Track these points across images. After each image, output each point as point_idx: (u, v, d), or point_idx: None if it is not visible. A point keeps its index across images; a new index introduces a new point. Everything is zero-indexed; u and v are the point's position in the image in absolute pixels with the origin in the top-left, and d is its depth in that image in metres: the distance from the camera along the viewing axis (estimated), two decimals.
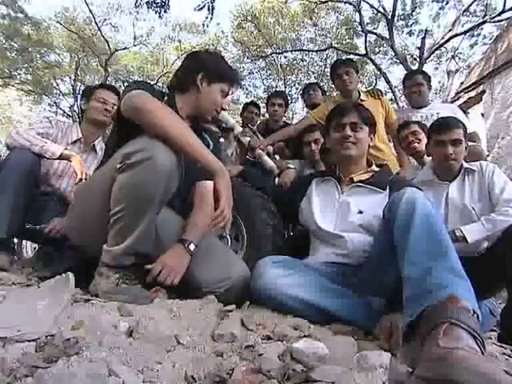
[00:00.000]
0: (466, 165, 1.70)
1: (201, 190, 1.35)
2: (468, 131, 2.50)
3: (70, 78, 13.70)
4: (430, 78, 2.72)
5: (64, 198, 1.87)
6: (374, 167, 1.49)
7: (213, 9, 5.80)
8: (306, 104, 3.61)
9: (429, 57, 9.59)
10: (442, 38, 9.40)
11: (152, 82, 12.70)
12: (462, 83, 9.98)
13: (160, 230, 1.22)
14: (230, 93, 1.32)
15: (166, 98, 1.32)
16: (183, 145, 1.07)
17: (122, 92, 1.30)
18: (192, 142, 1.09)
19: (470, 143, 2.25)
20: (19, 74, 12.93)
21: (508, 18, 8.27)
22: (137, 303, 0.99)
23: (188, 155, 1.09)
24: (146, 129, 1.08)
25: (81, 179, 1.70)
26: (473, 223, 1.53)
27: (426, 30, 10.01)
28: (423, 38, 9.39)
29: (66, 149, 1.78)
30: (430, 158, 1.83)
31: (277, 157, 2.83)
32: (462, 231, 1.49)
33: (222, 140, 2.74)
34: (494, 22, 8.69)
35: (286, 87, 13.25)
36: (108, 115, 1.93)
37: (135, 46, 13.56)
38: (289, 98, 4.13)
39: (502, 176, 1.63)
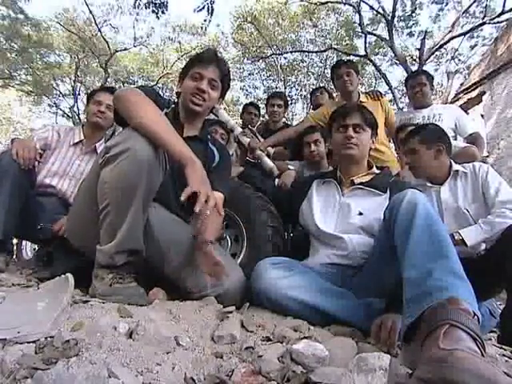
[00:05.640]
0: (456, 167, 1.69)
1: None
2: (472, 131, 2.49)
3: (70, 78, 13.71)
4: (432, 78, 2.72)
5: (65, 199, 1.87)
6: (374, 169, 1.49)
7: (212, 10, 5.77)
8: (312, 106, 3.62)
9: (428, 58, 9.59)
10: (442, 39, 9.39)
11: (152, 83, 12.75)
12: (461, 84, 9.99)
13: (157, 229, 1.21)
14: (206, 73, 1.31)
15: (172, 106, 1.35)
16: (154, 133, 1.05)
17: None
18: (163, 131, 1.07)
19: (464, 144, 2.24)
20: (19, 75, 12.94)
21: (507, 19, 8.28)
22: (131, 302, 0.99)
23: (159, 144, 1.06)
24: (125, 118, 1.10)
25: (17, 155, 1.56)
26: (471, 226, 1.53)
27: (426, 31, 10.03)
28: (423, 39, 9.39)
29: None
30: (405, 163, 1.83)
31: None
32: (460, 234, 1.48)
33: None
34: (493, 23, 8.70)
35: (285, 88, 13.26)
36: (102, 116, 1.94)
37: (135, 47, 13.57)
38: (289, 98, 4.15)
39: (496, 177, 1.61)
